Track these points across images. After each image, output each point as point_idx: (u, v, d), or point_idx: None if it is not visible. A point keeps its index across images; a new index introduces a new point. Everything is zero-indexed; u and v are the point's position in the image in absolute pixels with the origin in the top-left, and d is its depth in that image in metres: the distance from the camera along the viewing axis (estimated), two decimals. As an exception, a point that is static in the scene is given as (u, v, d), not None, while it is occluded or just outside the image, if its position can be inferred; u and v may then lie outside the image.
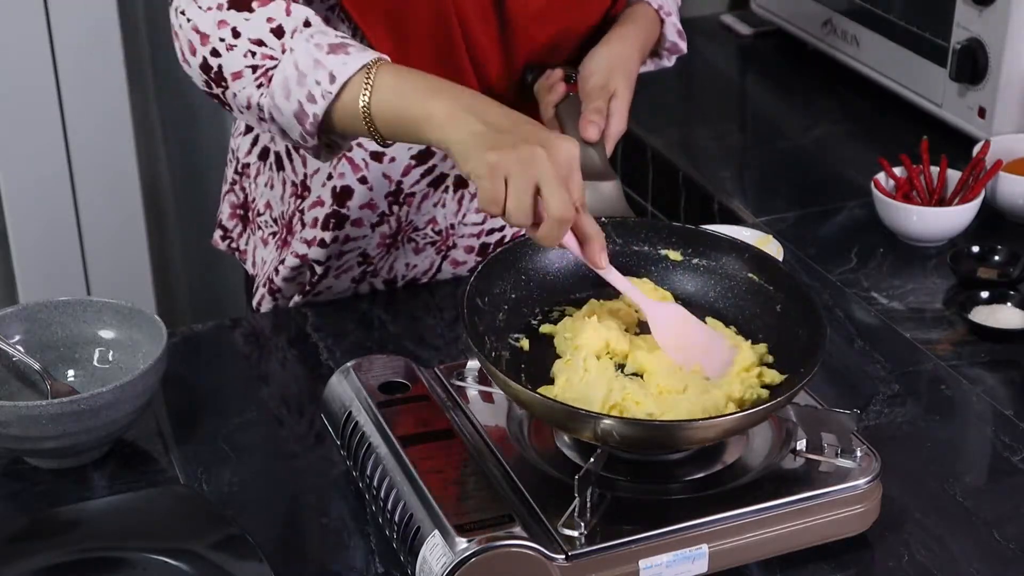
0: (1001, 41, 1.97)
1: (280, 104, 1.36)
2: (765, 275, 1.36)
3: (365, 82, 1.32)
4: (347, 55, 1.34)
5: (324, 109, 1.34)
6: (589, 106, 1.49)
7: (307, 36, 1.35)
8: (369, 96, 1.32)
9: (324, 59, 1.33)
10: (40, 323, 1.47)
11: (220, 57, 1.38)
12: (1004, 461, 1.42)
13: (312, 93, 1.34)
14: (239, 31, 1.37)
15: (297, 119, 1.35)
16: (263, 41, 1.36)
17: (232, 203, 1.78)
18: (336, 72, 1.33)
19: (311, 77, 1.34)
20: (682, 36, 1.67)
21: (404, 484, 1.24)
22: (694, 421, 1.22)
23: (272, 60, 1.36)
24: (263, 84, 1.36)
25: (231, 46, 1.37)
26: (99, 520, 1.30)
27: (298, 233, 1.66)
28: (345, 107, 1.34)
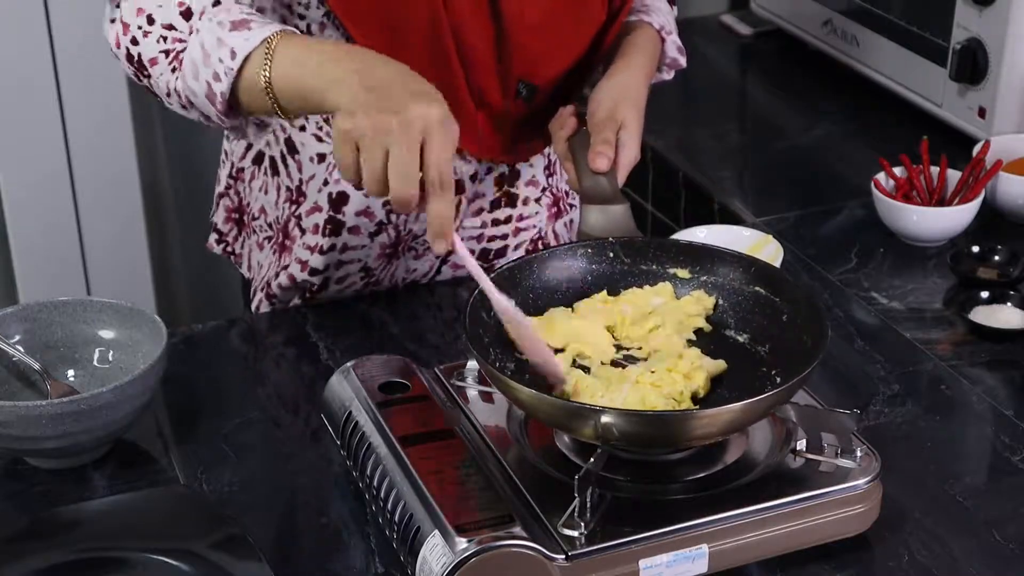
0: (1001, 41, 1.97)
1: (192, 86, 1.36)
2: (771, 287, 1.37)
3: (265, 55, 1.32)
4: (248, 30, 1.34)
5: (228, 87, 1.34)
6: (597, 137, 1.49)
7: (211, 15, 1.36)
8: (269, 70, 1.32)
9: (226, 36, 1.34)
10: (40, 323, 1.47)
11: (139, 45, 1.39)
12: (1004, 461, 1.42)
13: (217, 72, 1.34)
14: (153, 17, 1.38)
15: (208, 100, 1.36)
16: (173, 25, 1.37)
17: (227, 207, 1.77)
18: (237, 48, 1.33)
19: (215, 56, 1.34)
20: (682, 52, 1.67)
21: (404, 484, 1.24)
22: (693, 412, 1.22)
23: (181, 43, 1.37)
24: (176, 68, 1.37)
25: (147, 32, 1.38)
26: (99, 520, 1.30)
27: (298, 239, 1.66)
28: (248, 82, 1.34)
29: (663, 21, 1.65)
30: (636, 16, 1.64)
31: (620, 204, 1.47)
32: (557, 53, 1.58)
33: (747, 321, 1.38)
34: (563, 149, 1.54)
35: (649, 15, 1.64)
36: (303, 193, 1.64)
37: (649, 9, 1.65)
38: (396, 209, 1.25)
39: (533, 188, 1.71)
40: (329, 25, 1.53)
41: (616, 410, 1.22)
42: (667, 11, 1.68)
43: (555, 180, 1.74)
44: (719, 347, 1.36)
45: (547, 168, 1.72)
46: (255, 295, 1.74)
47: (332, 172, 1.61)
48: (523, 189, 1.70)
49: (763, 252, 1.64)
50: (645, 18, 1.64)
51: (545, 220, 1.75)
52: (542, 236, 1.75)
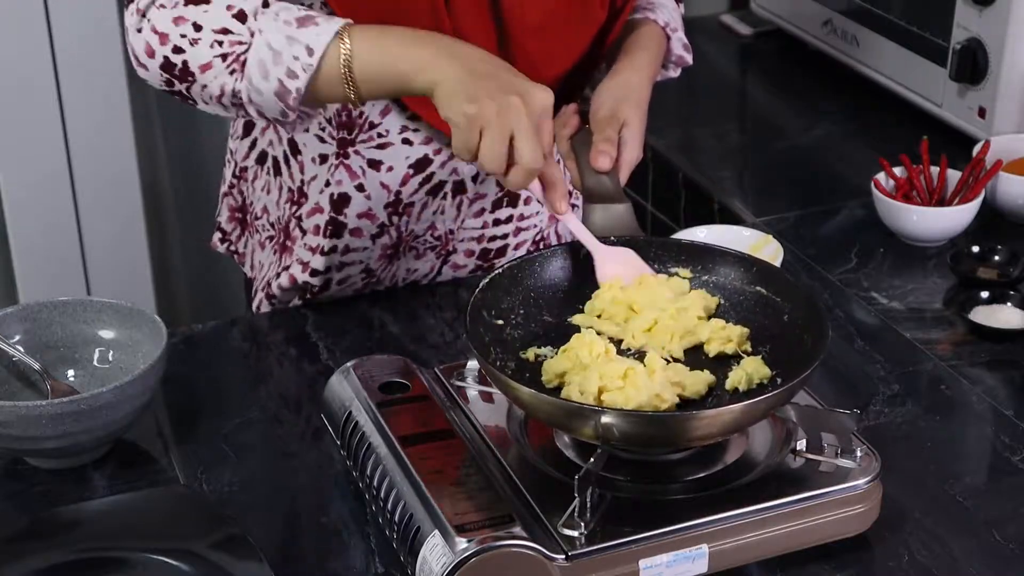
0: (1001, 41, 1.97)
1: (259, 86, 1.36)
2: (772, 287, 1.37)
3: (341, 47, 1.35)
4: (317, 26, 1.36)
5: (307, 82, 1.35)
6: (600, 136, 1.49)
7: (272, 15, 1.37)
8: (349, 58, 1.35)
9: (296, 34, 1.35)
10: (40, 323, 1.47)
11: (184, 53, 1.38)
12: (1004, 461, 1.42)
13: (291, 69, 1.35)
14: (200, 24, 1.37)
15: (279, 97, 1.37)
16: (228, 29, 1.37)
17: (231, 206, 1.77)
18: (312, 44, 1.35)
19: (287, 53, 1.35)
20: (688, 49, 1.67)
21: (404, 484, 1.24)
22: (694, 413, 1.22)
23: (241, 45, 1.37)
24: (236, 70, 1.37)
25: (194, 40, 1.37)
26: (99, 520, 1.30)
27: (299, 240, 1.66)
28: (326, 75, 1.36)
29: (668, 18, 1.64)
30: (641, 13, 1.63)
31: (622, 203, 1.47)
32: (559, 54, 1.58)
33: (748, 321, 1.38)
34: (565, 148, 1.54)
35: (655, 12, 1.64)
36: (304, 194, 1.64)
37: (655, 6, 1.65)
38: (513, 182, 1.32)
39: None
40: None
41: (616, 410, 1.22)
42: (673, 8, 1.67)
43: None
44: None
45: None
46: (256, 295, 1.74)
47: (333, 173, 1.61)
48: None
49: (763, 252, 1.64)
50: (650, 15, 1.63)
51: (546, 220, 1.75)
52: (544, 237, 1.75)
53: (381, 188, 1.61)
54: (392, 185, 1.61)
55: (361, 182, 1.61)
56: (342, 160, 1.59)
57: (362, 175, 1.60)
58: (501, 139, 1.29)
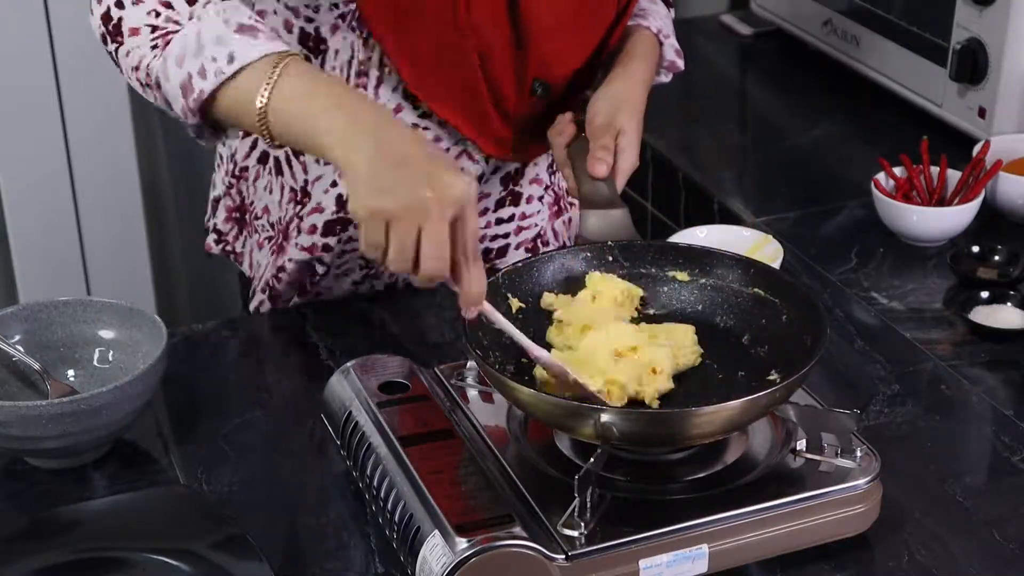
0: (1001, 41, 1.97)
1: (170, 71, 1.32)
2: (771, 289, 1.37)
3: (268, 77, 1.28)
4: (254, 39, 1.29)
5: (213, 88, 1.29)
6: (596, 144, 1.49)
7: (220, 9, 1.32)
8: (269, 93, 1.28)
9: (228, 37, 1.30)
10: (40, 323, 1.47)
11: (123, 9, 1.34)
12: (1004, 461, 1.42)
13: (205, 68, 1.30)
14: None
15: (182, 91, 1.31)
16: (171, 3, 1.33)
17: (228, 206, 1.77)
18: (237, 53, 1.28)
19: (209, 52, 1.29)
20: (680, 55, 1.67)
21: (404, 484, 1.24)
22: (693, 410, 1.22)
23: (175, 24, 1.33)
24: (158, 46, 1.33)
25: (138, 1, 1.34)
26: (99, 520, 1.30)
27: (294, 239, 1.65)
28: (238, 94, 1.29)
29: (660, 24, 1.65)
30: (634, 21, 1.64)
31: (619, 208, 1.47)
32: (572, 52, 1.58)
33: (747, 322, 1.38)
34: (562, 156, 1.54)
35: (647, 19, 1.64)
36: (308, 193, 1.64)
37: (647, 13, 1.65)
38: (419, 283, 1.22)
39: (537, 186, 1.71)
40: (343, 27, 1.52)
41: (616, 409, 1.22)
42: (665, 14, 1.68)
43: (558, 178, 1.75)
44: (719, 347, 1.36)
45: (550, 166, 1.72)
46: (254, 295, 1.74)
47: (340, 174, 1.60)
48: (527, 187, 1.70)
49: (763, 252, 1.64)
50: (643, 22, 1.64)
51: (546, 219, 1.75)
52: (542, 235, 1.75)
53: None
54: None
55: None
56: None
57: None
58: (407, 235, 1.19)
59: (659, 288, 1.41)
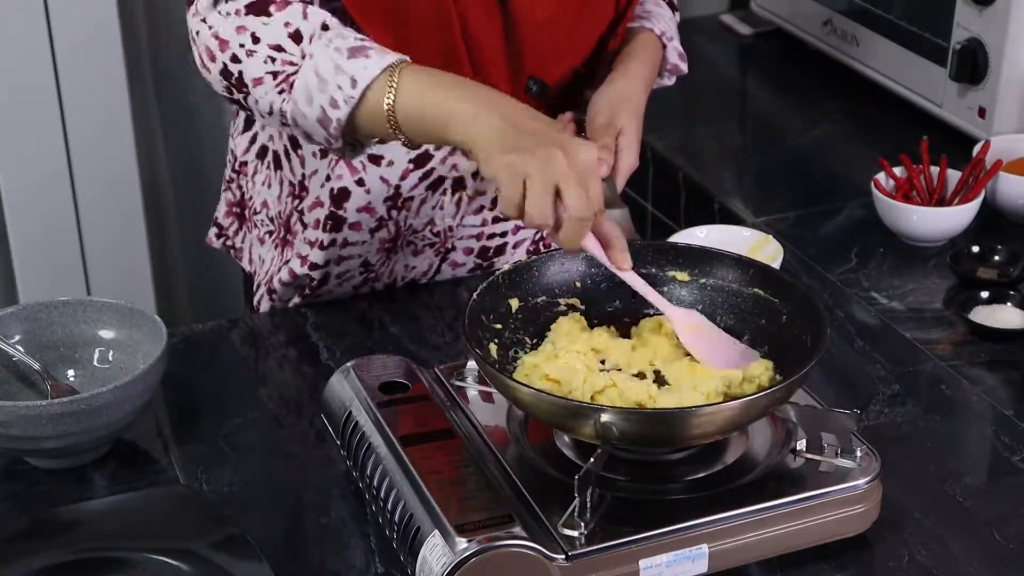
0: (1001, 41, 1.97)
1: (303, 110, 1.36)
2: (770, 288, 1.37)
3: (389, 85, 1.33)
4: (367, 58, 1.34)
5: (347, 114, 1.34)
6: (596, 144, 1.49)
7: (326, 41, 1.35)
8: (393, 98, 1.32)
9: (345, 64, 1.34)
10: (40, 323, 1.47)
11: (240, 63, 1.38)
12: (1004, 461, 1.42)
13: (334, 98, 1.34)
14: (258, 36, 1.37)
15: (321, 124, 1.36)
16: (282, 47, 1.36)
17: (229, 201, 1.77)
18: (357, 76, 1.33)
19: (332, 82, 1.34)
20: (683, 58, 1.67)
21: (404, 484, 1.24)
22: (693, 410, 1.22)
23: (292, 66, 1.36)
24: (284, 90, 1.37)
25: (251, 52, 1.37)
26: (99, 520, 1.30)
27: (299, 234, 1.66)
28: (369, 110, 1.34)
29: (664, 27, 1.65)
30: (638, 22, 1.64)
31: (619, 208, 1.47)
32: (566, 50, 1.58)
33: (747, 322, 1.38)
34: None
35: (651, 21, 1.64)
36: (305, 188, 1.64)
37: (651, 15, 1.65)
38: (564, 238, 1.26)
39: None
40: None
41: (615, 408, 1.22)
42: (669, 17, 1.68)
43: None
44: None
45: None
46: (258, 290, 1.74)
47: (334, 167, 1.61)
48: None
49: (763, 252, 1.64)
50: (647, 24, 1.64)
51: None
52: (542, 236, 1.75)
53: (381, 182, 1.61)
54: (392, 179, 1.62)
55: (361, 176, 1.61)
56: None
57: (362, 169, 1.60)
58: (544, 190, 1.23)
59: (659, 288, 1.41)
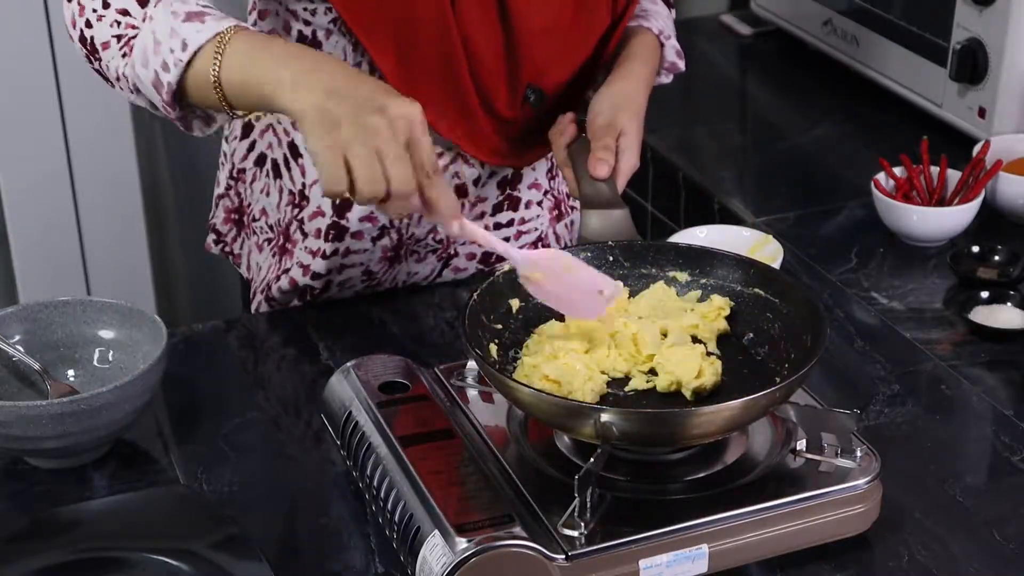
0: (1001, 41, 1.97)
1: (140, 73, 1.36)
2: (770, 288, 1.37)
3: (216, 50, 1.31)
4: (202, 23, 1.33)
5: (177, 77, 1.33)
6: (597, 144, 1.49)
7: (167, 4, 1.36)
8: (219, 65, 1.31)
9: (179, 27, 1.33)
10: (40, 323, 1.47)
11: (92, 28, 1.39)
12: (1004, 461, 1.42)
13: (166, 61, 1.34)
14: (108, 1, 1.38)
15: (155, 88, 1.36)
16: (127, 10, 1.37)
17: (227, 208, 1.77)
18: (188, 39, 1.32)
19: (165, 45, 1.34)
20: (680, 56, 1.67)
21: (404, 484, 1.24)
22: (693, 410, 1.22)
23: (134, 29, 1.37)
24: (126, 53, 1.37)
25: (100, 16, 1.38)
26: (99, 520, 1.30)
27: (299, 243, 1.65)
28: (197, 76, 1.33)
29: (662, 25, 1.65)
30: (635, 22, 1.64)
31: (620, 209, 1.47)
32: (564, 58, 1.58)
33: (746, 323, 1.38)
34: (563, 156, 1.54)
35: (648, 20, 1.64)
36: (306, 197, 1.64)
37: (648, 14, 1.65)
38: (392, 211, 1.24)
39: (535, 191, 1.71)
40: (336, 32, 1.53)
41: (615, 408, 1.22)
42: (666, 15, 1.68)
43: (557, 183, 1.74)
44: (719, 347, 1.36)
45: (549, 171, 1.72)
46: (254, 296, 1.74)
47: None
48: (525, 192, 1.70)
49: (763, 252, 1.64)
50: (644, 23, 1.64)
51: (547, 223, 1.75)
52: (543, 238, 1.75)
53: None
54: None
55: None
56: None
57: None
58: (369, 161, 1.20)
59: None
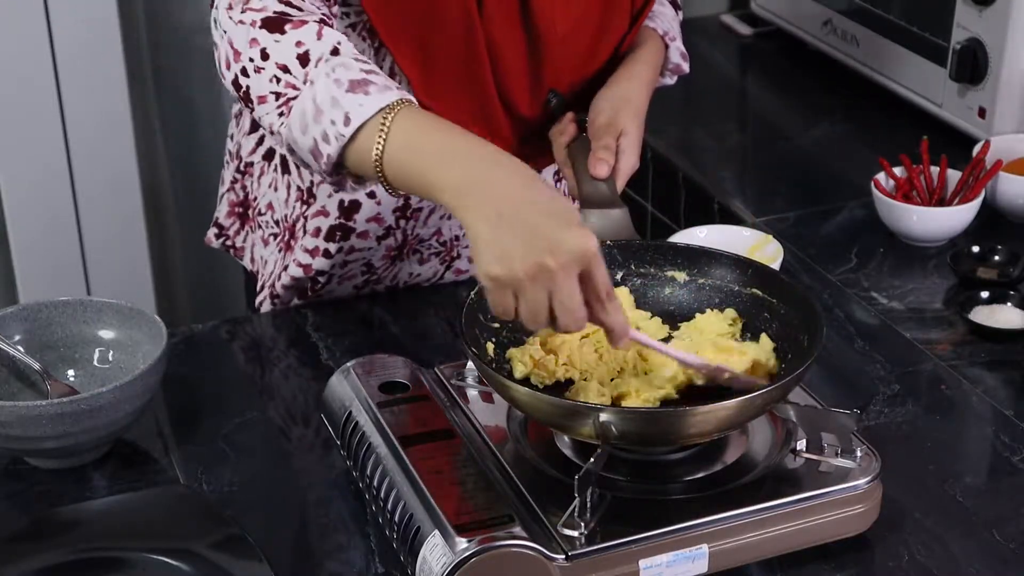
0: (1001, 41, 1.97)
1: (297, 138, 1.32)
2: (768, 288, 1.37)
3: (380, 129, 1.27)
4: (366, 95, 1.28)
5: (337, 151, 1.29)
6: (598, 144, 1.49)
7: (329, 69, 1.30)
8: (383, 147, 1.26)
9: (342, 97, 1.28)
10: (40, 323, 1.47)
11: (248, 78, 1.34)
12: (1004, 461, 1.42)
13: (327, 133, 1.29)
14: (268, 53, 1.32)
15: (313, 156, 1.31)
16: (288, 68, 1.32)
17: (231, 201, 1.77)
18: (352, 114, 1.27)
19: (327, 115, 1.29)
20: (685, 58, 1.67)
21: (404, 484, 1.24)
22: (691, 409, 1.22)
23: (294, 90, 1.32)
24: (284, 113, 1.32)
25: (259, 68, 1.33)
26: (99, 520, 1.30)
27: (300, 240, 1.66)
28: (359, 152, 1.29)
29: (668, 27, 1.65)
30: None
31: (619, 208, 1.47)
32: (584, 62, 1.58)
33: (745, 322, 1.38)
34: (563, 155, 1.54)
35: (654, 21, 1.64)
36: (313, 195, 1.64)
37: (654, 15, 1.65)
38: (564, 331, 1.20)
39: None
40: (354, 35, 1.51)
41: (614, 408, 1.22)
42: (672, 16, 1.68)
43: (562, 185, 1.74)
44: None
45: (556, 173, 1.72)
46: (261, 290, 1.74)
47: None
48: None
49: (763, 252, 1.64)
50: (650, 24, 1.64)
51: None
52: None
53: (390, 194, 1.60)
54: None
55: (373, 188, 1.59)
56: None
57: None
58: (536, 302, 1.17)
59: (657, 289, 1.42)
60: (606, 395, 1.28)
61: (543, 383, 1.31)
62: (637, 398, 1.27)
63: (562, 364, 1.32)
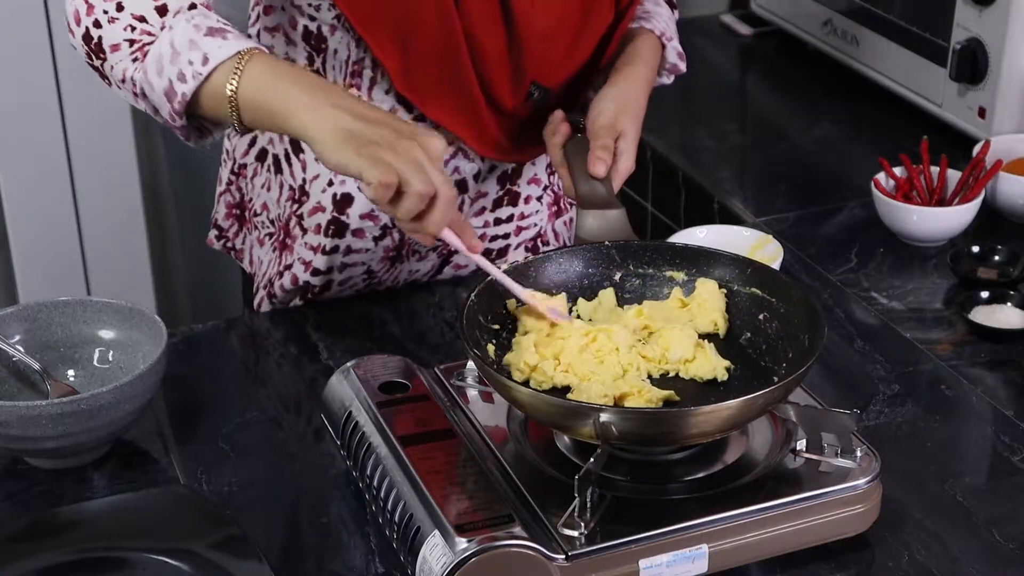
0: (1001, 41, 1.97)
1: (151, 80, 1.38)
2: (768, 288, 1.37)
3: (235, 68, 1.35)
4: (224, 40, 1.36)
5: (193, 89, 1.36)
6: (596, 144, 1.50)
7: (188, 17, 1.38)
8: (237, 82, 1.35)
9: (200, 40, 1.36)
10: (40, 323, 1.47)
11: (101, 28, 1.39)
12: (1004, 461, 1.42)
13: (183, 72, 1.36)
14: (123, 5, 1.39)
15: (166, 96, 1.37)
16: (145, 17, 1.39)
17: (228, 203, 1.77)
18: (210, 54, 1.35)
19: (184, 56, 1.36)
20: (682, 57, 1.68)
21: (404, 484, 1.24)
22: (691, 409, 1.22)
23: (150, 36, 1.38)
24: (138, 59, 1.39)
25: (113, 19, 1.39)
26: (99, 520, 1.30)
27: (299, 238, 1.66)
28: (213, 90, 1.36)
29: (664, 27, 1.65)
30: (637, 23, 1.64)
31: (616, 209, 1.47)
32: (565, 59, 1.59)
33: (745, 322, 1.38)
34: (559, 157, 1.54)
35: (650, 21, 1.65)
36: (306, 192, 1.64)
37: (650, 15, 1.66)
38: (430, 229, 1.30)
39: (535, 186, 1.71)
40: (340, 28, 1.53)
41: (614, 408, 1.22)
42: (668, 16, 1.68)
43: (556, 178, 1.75)
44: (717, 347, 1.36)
45: (549, 166, 1.73)
46: (257, 292, 1.74)
47: (336, 173, 1.61)
48: (525, 187, 1.70)
49: (763, 252, 1.64)
50: (646, 25, 1.64)
51: (545, 219, 1.75)
52: (542, 235, 1.75)
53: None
54: None
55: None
56: None
57: None
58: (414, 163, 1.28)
59: (656, 288, 1.42)
60: (607, 395, 1.28)
61: (541, 387, 1.31)
62: (639, 398, 1.27)
63: (561, 371, 1.31)
